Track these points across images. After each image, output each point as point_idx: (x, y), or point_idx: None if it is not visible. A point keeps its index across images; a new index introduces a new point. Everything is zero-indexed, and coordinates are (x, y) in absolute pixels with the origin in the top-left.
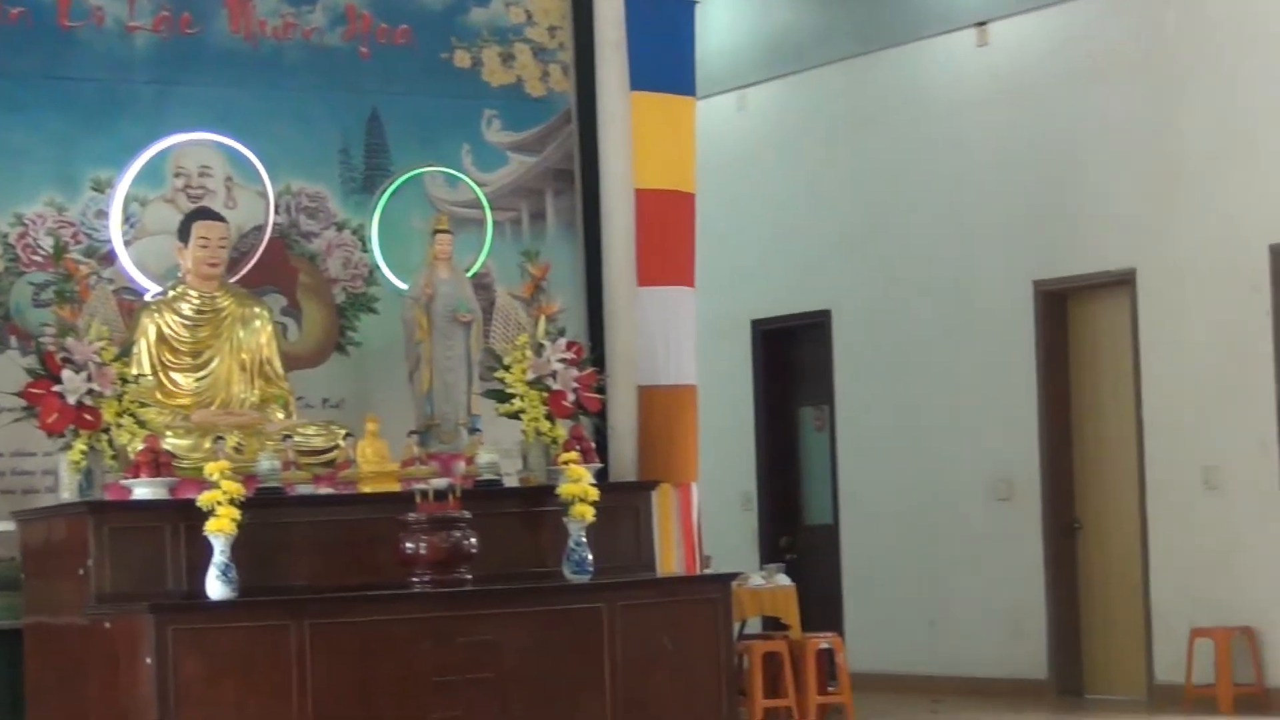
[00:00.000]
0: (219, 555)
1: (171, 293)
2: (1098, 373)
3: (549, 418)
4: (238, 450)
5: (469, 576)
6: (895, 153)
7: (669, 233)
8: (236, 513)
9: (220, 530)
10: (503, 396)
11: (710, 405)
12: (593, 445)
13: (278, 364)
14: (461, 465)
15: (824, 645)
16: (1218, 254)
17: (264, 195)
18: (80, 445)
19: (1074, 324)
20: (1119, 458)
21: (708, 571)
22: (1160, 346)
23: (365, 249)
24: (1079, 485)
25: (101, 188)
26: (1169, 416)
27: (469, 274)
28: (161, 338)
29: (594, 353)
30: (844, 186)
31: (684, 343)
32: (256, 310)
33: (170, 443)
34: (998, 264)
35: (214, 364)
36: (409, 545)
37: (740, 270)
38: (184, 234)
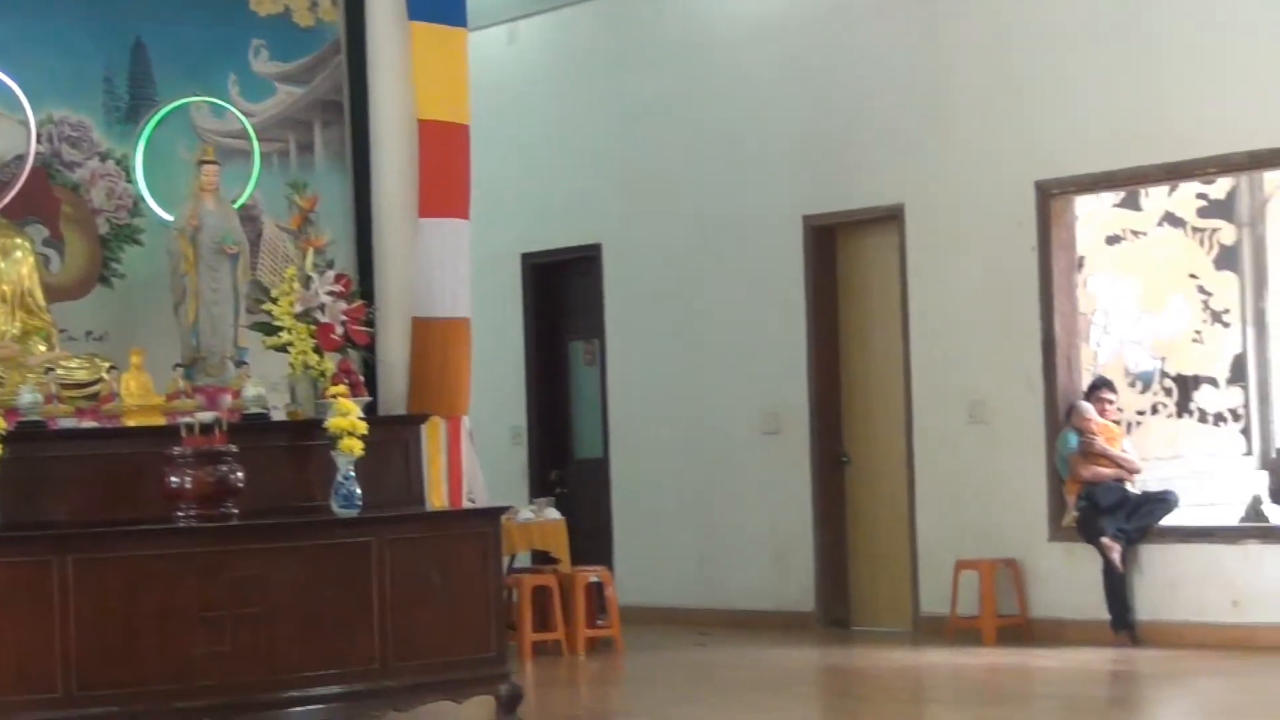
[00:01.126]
0: None
1: None
2: (866, 307)
3: (317, 351)
4: None
5: (235, 511)
6: (666, 87)
7: (445, 165)
8: None
9: None
10: (270, 329)
11: (480, 339)
12: (361, 379)
13: (39, 296)
14: (228, 399)
15: (593, 579)
16: (985, 190)
17: (25, 124)
18: None
19: (842, 259)
20: (886, 392)
21: (474, 505)
22: (927, 282)
23: (130, 180)
24: (847, 419)
25: None
26: (936, 351)
27: (236, 205)
28: None
29: (363, 286)
30: (614, 120)
31: (459, 275)
32: (18, 241)
33: None
34: (767, 199)
35: None
36: (174, 479)
37: (510, 204)
38: None
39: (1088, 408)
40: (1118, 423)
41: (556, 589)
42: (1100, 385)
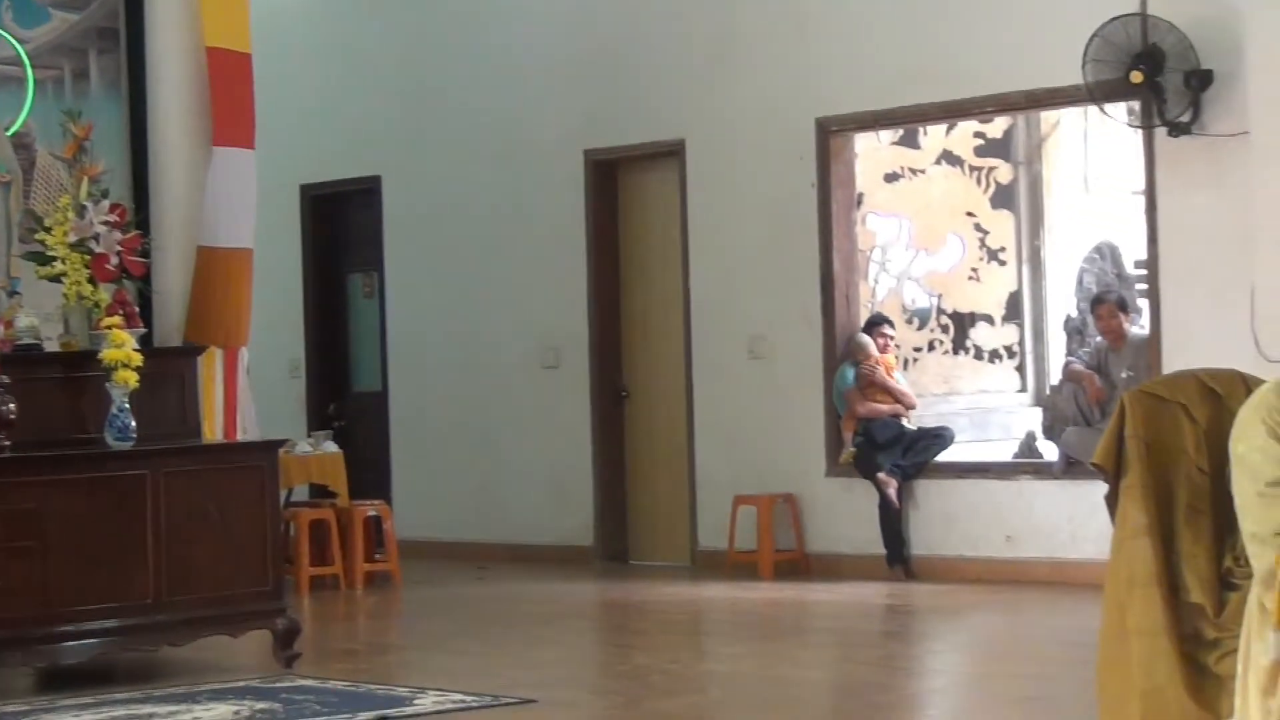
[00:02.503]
0: None
1: None
2: (647, 242)
3: (91, 281)
4: None
5: (8, 443)
6: (447, 18)
7: (228, 94)
8: None
9: None
10: (43, 259)
11: (258, 271)
12: (136, 310)
13: None
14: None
15: (371, 513)
16: (765, 127)
17: None
18: None
19: (623, 193)
20: (666, 327)
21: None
22: (708, 217)
23: None
24: (626, 354)
25: None
26: (715, 287)
27: (9, 133)
28: None
29: (139, 215)
30: (394, 52)
31: (245, 206)
32: None
33: None
34: (548, 132)
35: None
36: None
37: (289, 135)
38: None
39: (868, 341)
40: (896, 359)
41: (334, 523)
42: (879, 321)
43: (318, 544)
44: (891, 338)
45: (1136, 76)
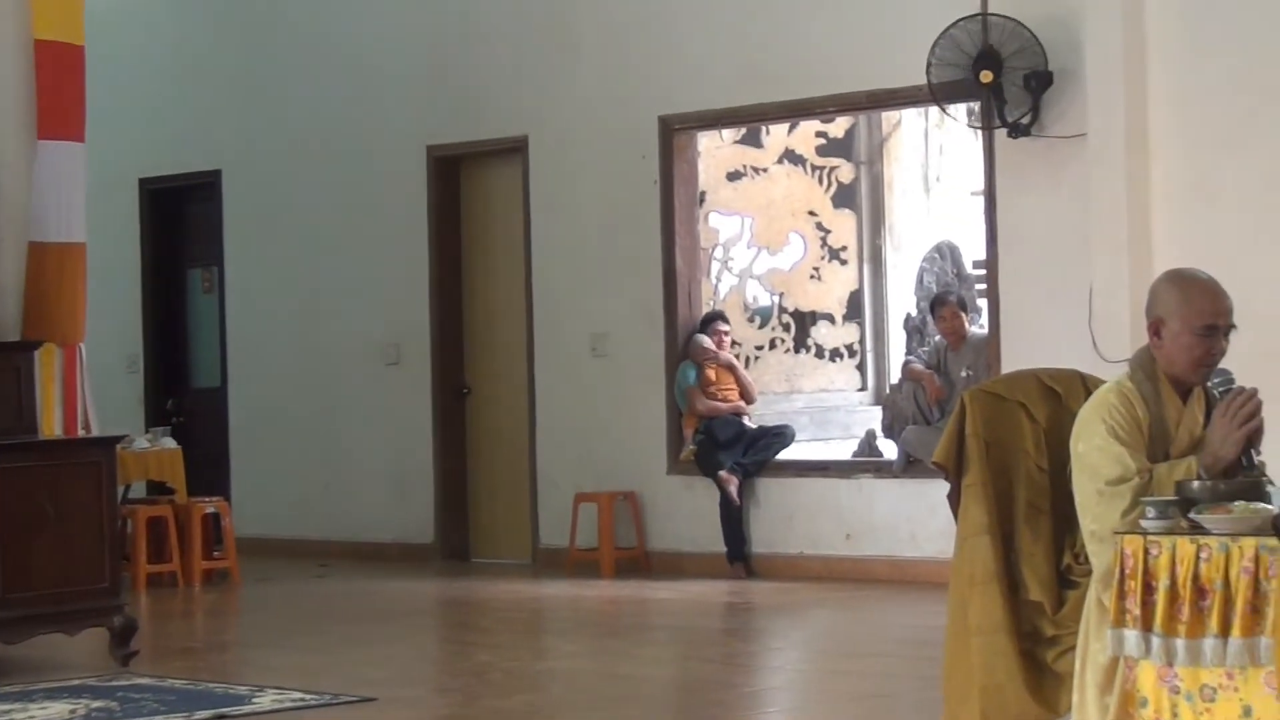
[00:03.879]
0: None
1: None
2: (490, 239)
3: None
4: None
5: None
6: (288, 11)
7: (60, 86)
8: None
9: None
10: None
11: (95, 266)
12: None
13: None
14: None
15: (210, 509)
16: (608, 124)
17: None
18: None
19: (466, 189)
20: (509, 324)
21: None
22: (551, 214)
23: None
24: (469, 350)
25: None
26: (558, 284)
27: None
28: None
29: None
30: (235, 45)
31: (75, 200)
32: None
33: None
34: (391, 127)
35: None
36: None
37: (127, 128)
38: None
39: (704, 340)
40: (736, 357)
41: (172, 519)
42: (714, 318)
43: (155, 541)
44: (727, 333)
45: (986, 76)
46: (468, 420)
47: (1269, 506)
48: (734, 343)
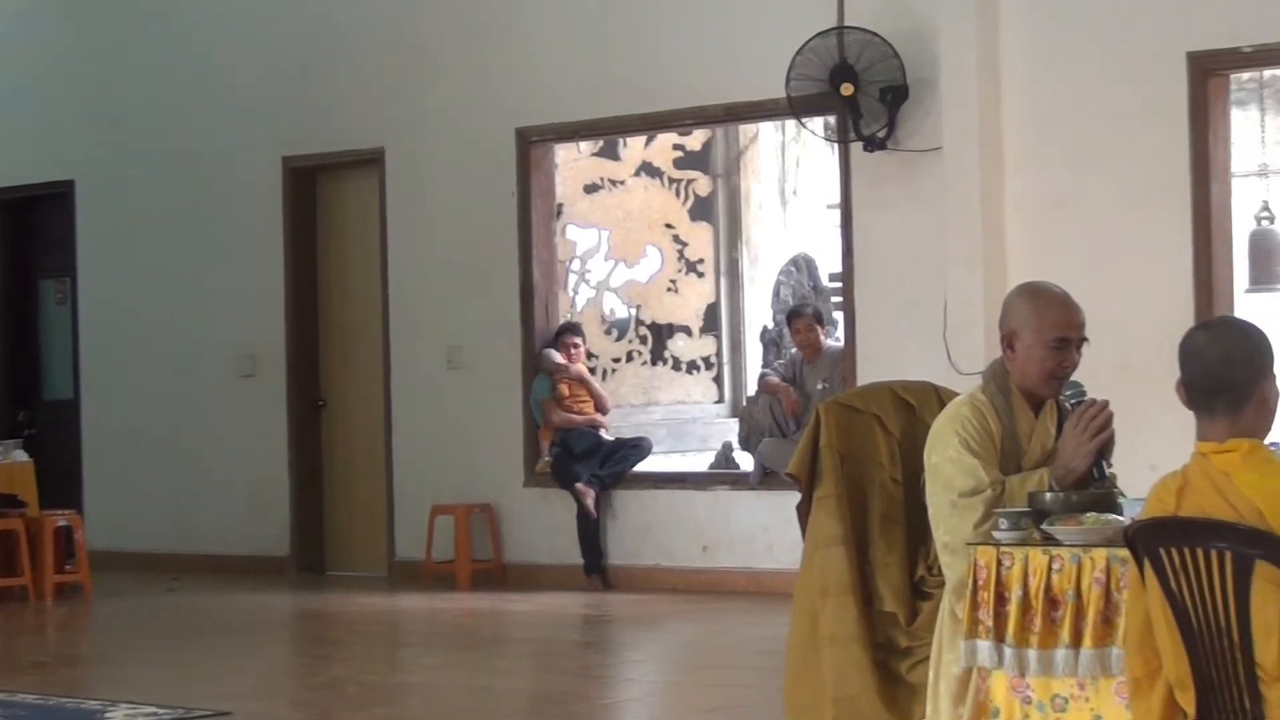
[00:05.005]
0: None
1: None
2: (346, 251)
3: None
4: None
5: None
6: (142, 20)
7: None
8: None
9: None
10: None
11: None
12: None
13: None
14: None
15: (62, 523)
16: (465, 136)
17: None
18: None
19: (322, 201)
20: (365, 336)
21: None
22: (407, 226)
23: None
24: (324, 362)
25: None
26: (415, 296)
27: None
28: None
29: None
30: (88, 54)
31: None
32: None
33: None
34: (246, 138)
35: None
36: None
37: None
38: None
39: (553, 353)
40: (592, 370)
41: (23, 533)
42: (566, 330)
43: (6, 554)
44: (579, 346)
45: (847, 89)
46: (323, 432)
47: (1120, 518)
48: (589, 354)
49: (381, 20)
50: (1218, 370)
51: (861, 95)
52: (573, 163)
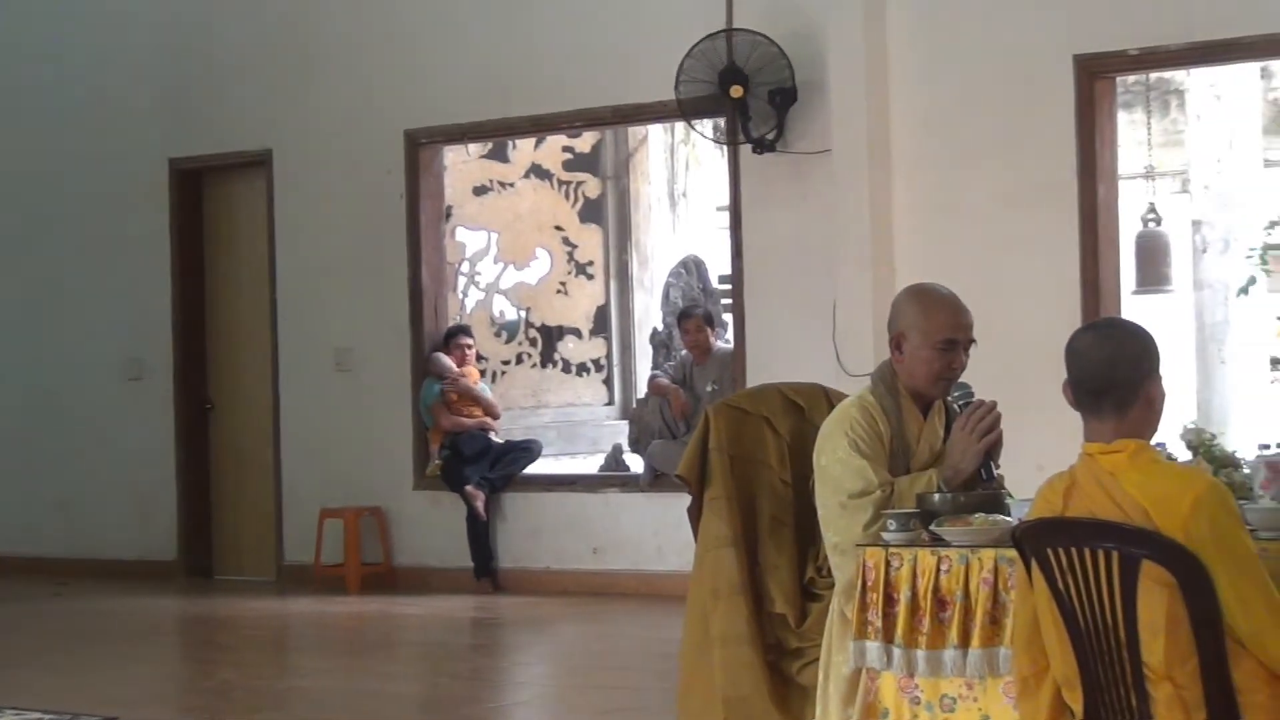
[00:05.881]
0: None
1: None
2: (233, 253)
3: None
4: None
5: None
6: (24, 17)
7: None
8: None
9: None
10: None
11: None
12: None
13: None
14: None
15: None
16: (353, 137)
17: None
18: None
19: (209, 204)
20: (252, 339)
21: None
22: (296, 229)
23: None
24: (212, 365)
25: None
26: (303, 298)
27: None
28: None
29: None
30: None
31: None
32: None
33: None
34: (131, 140)
35: None
36: None
37: None
38: None
39: (442, 358)
40: (482, 372)
41: None
42: (456, 332)
43: None
44: (470, 347)
45: (737, 91)
46: (211, 436)
47: (1008, 518)
48: (479, 356)
49: (269, 21)
50: (1104, 371)
51: (750, 98)
52: (461, 165)
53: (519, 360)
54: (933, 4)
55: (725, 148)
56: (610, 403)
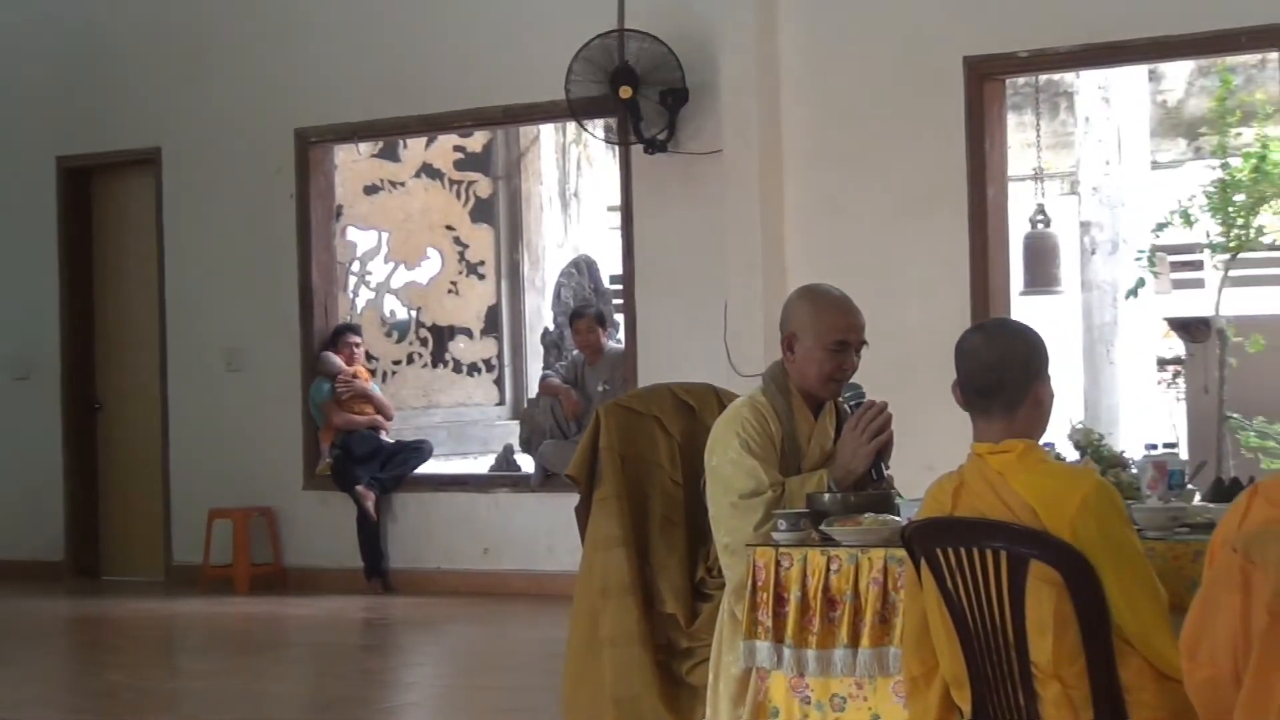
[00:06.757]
0: None
1: None
2: (122, 252)
3: None
4: None
5: None
6: None
7: None
8: None
9: None
10: None
11: None
12: None
13: None
14: None
15: None
16: (244, 136)
17: None
18: None
19: (98, 201)
20: (142, 338)
21: None
22: (185, 227)
23: None
24: (100, 365)
25: None
26: (193, 298)
27: None
28: None
29: None
30: None
31: None
32: None
33: None
34: (18, 137)
35: None
36: None
37: None
38: None
39: (331, 357)
40: (373, 372)
41: None
42: (344, 331)
43: None
44: (359, 345)
45: (625, 91)
46: (99, 435)
47: (897, 518)
48: (369, 356)
49: (159, 18)
50: (993, 372)
51: (642, 98)
52: (352, 164)
53: (410, 360)
54: (824, 6)
55: (616, 148)
56: (501, 403)
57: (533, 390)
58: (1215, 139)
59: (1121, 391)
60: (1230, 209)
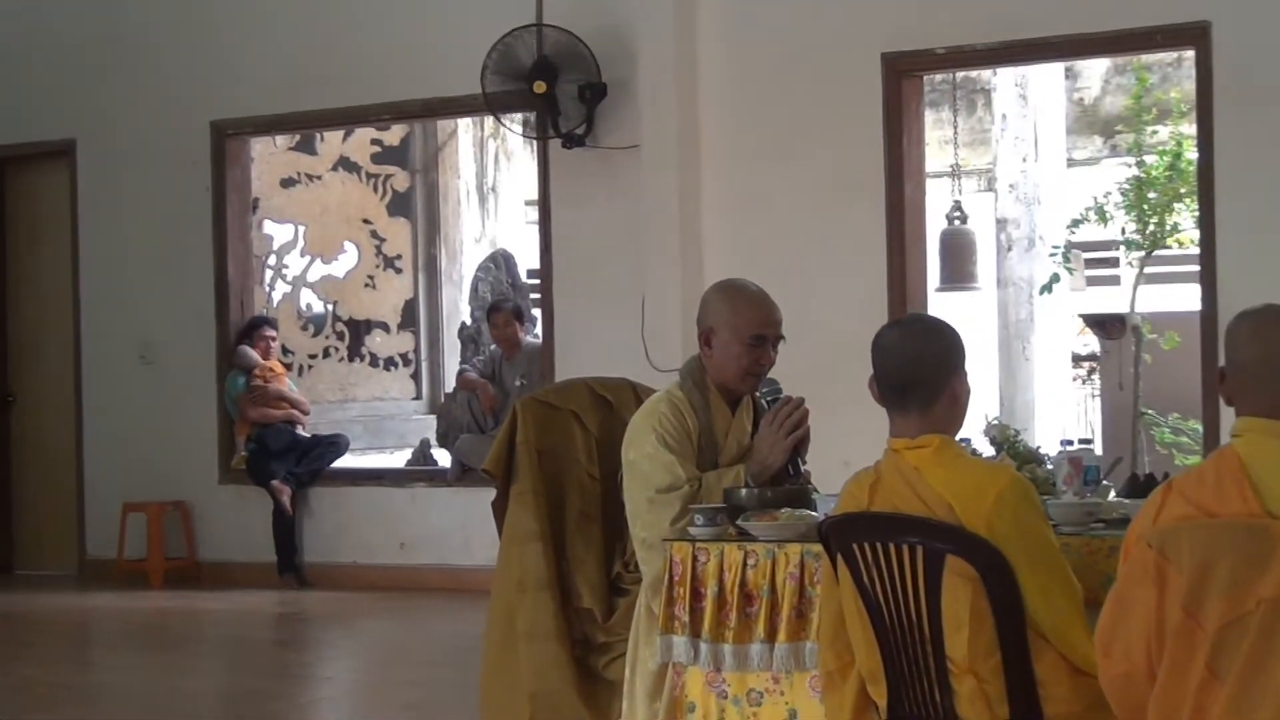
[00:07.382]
0: None
1: None
2: (36, 244)
3: None
4: None
5: None
6: None
7: None
8: None
9: None
10: None
11: None
12: None
13: None
14: None
15: None
16: (159, 128)
17: None
18: None
19: (12, 194)
20: (55, 331)
21: None
22: (100, 220)
23: None
24: (13, 358)
25: None
26: (107, 290)
27: None
28: None
29: None
30: None
31: None
32: None
33: None
34: None
35: None
36: None
37: None
38: None
39: (247, 351)
40: (288, 365)
41: None
42: (259, 324)
43: None
44: (274, 338)
45: (540, 87)
46: (12, 429)
47: (814, 513)
48: (285, 350)
49: (73, 7)
50: (909, 367)
51: (559, 93)
52: (269, 156)
53: (326, 354)
54: (743, 1)
55: (534, 142)
56: (418, 397)
57: (450, 385)
58: (1131, 137)
59: (1037, 387)
60: (1145, 207)
